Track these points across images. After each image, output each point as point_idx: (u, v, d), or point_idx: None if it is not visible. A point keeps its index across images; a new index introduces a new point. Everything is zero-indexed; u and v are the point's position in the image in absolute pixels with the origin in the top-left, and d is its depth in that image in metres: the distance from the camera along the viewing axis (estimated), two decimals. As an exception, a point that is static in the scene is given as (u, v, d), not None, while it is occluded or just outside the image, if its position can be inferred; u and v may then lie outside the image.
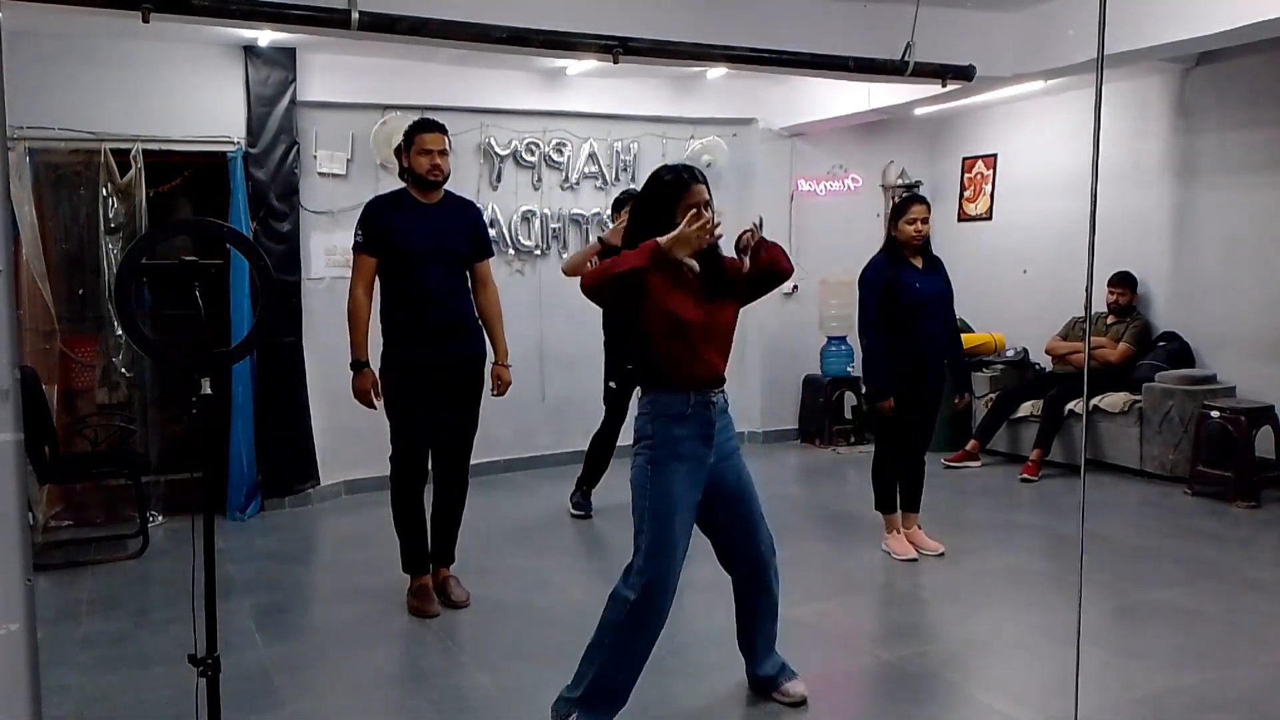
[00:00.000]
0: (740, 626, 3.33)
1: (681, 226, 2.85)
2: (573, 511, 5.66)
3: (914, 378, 4.67)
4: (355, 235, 4.09)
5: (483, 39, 4.47)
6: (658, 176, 3.11)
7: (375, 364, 4.13)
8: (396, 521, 4.23)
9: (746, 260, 3.10)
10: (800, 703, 3.23)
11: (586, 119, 6.93)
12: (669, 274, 2.95)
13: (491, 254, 4.37)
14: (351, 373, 4.06)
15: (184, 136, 5.67)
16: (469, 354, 4.17)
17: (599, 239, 5.50)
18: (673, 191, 3.02)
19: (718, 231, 2.93)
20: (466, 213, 4.25)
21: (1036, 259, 7.38)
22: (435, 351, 4.05)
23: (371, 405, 4.08)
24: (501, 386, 4.33)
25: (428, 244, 4.04)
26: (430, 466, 4.27)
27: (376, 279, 4.10)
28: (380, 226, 4.03)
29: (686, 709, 3.29)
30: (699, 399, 3.01)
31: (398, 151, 4.16)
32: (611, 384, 5.56)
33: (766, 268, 3.13)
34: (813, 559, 4.85)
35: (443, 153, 4.06)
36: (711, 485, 3.08)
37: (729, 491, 3.13)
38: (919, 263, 4.72)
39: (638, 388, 3.16)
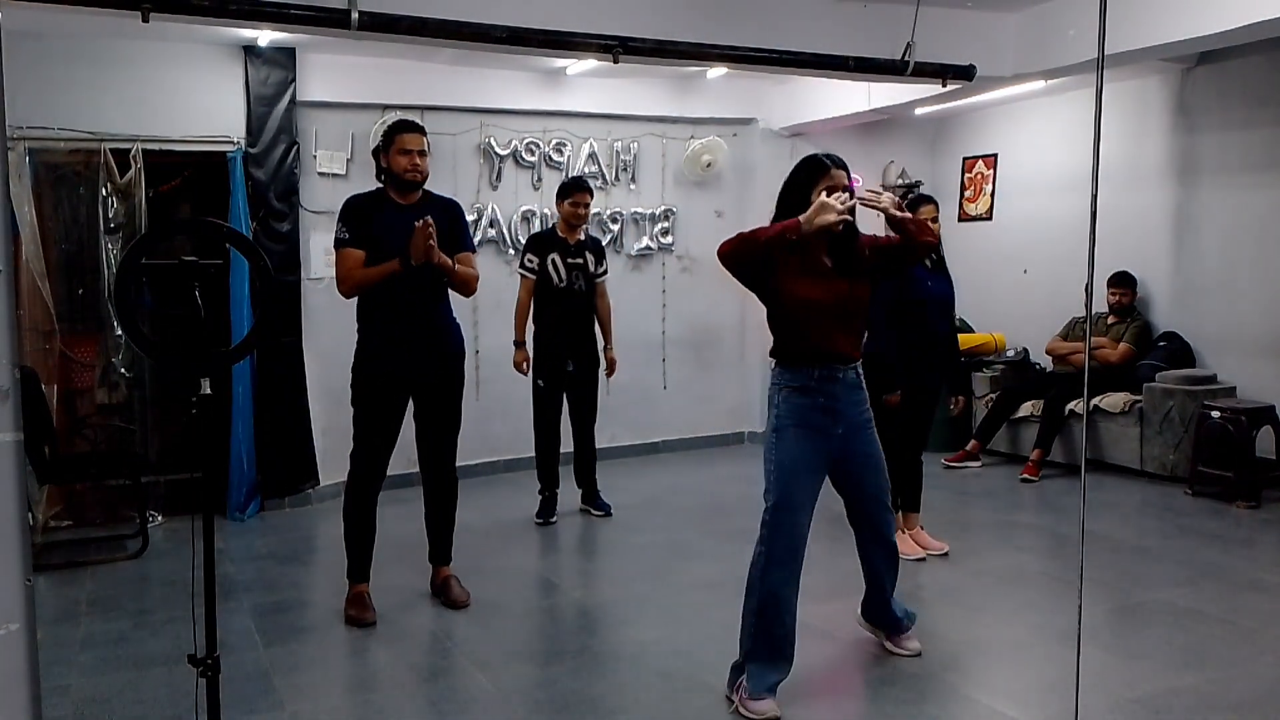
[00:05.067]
0: (867, 579, 3.60)
1: (820, 199, 3.01)
2: (536, 521, 5.55)
3: (916, 376, 4.67)
4: (338, 232, 4.00)
5: (482, 39, 4.46)
6: (796, 172, 3.28)
7: (349, 364, 4.11)
8: (346, 522, 4.15)
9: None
10: (915, 655, 3.57)
11: (586, 119, 6.93)
12: (800, 255, 3.14)
13: (473, 249, 4.26)
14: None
15: (184, 136, 5.67)
16: (447, 355, 4.13)
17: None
18: (814, 174, 3.20)
19: (849, 201, 3.08)
20: (446, 212, 4.16)
21: (1037, 259, 7.38)
22: (412, 355, 4.03)
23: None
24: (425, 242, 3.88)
25: (406, 247, 3.95)
26: (419, 468, 4.27)
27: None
28: (361, 225, 3.98)
29: (686, 707, 3.27)
30: (823, 373, 3.21)
31: (376, 152, 4.11)
32: (540, 382, 5.50)
33: (908, 240, 3.38)
34: (813, 559, 4.79)
35: (422, 153, 4.01)
36: (840, 455, 3.29)
37: (854, 462, 3.34)
38: (928, 262, 4.72)
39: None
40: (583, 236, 5.55)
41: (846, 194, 3.11)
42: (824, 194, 3.09)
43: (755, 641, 3.21)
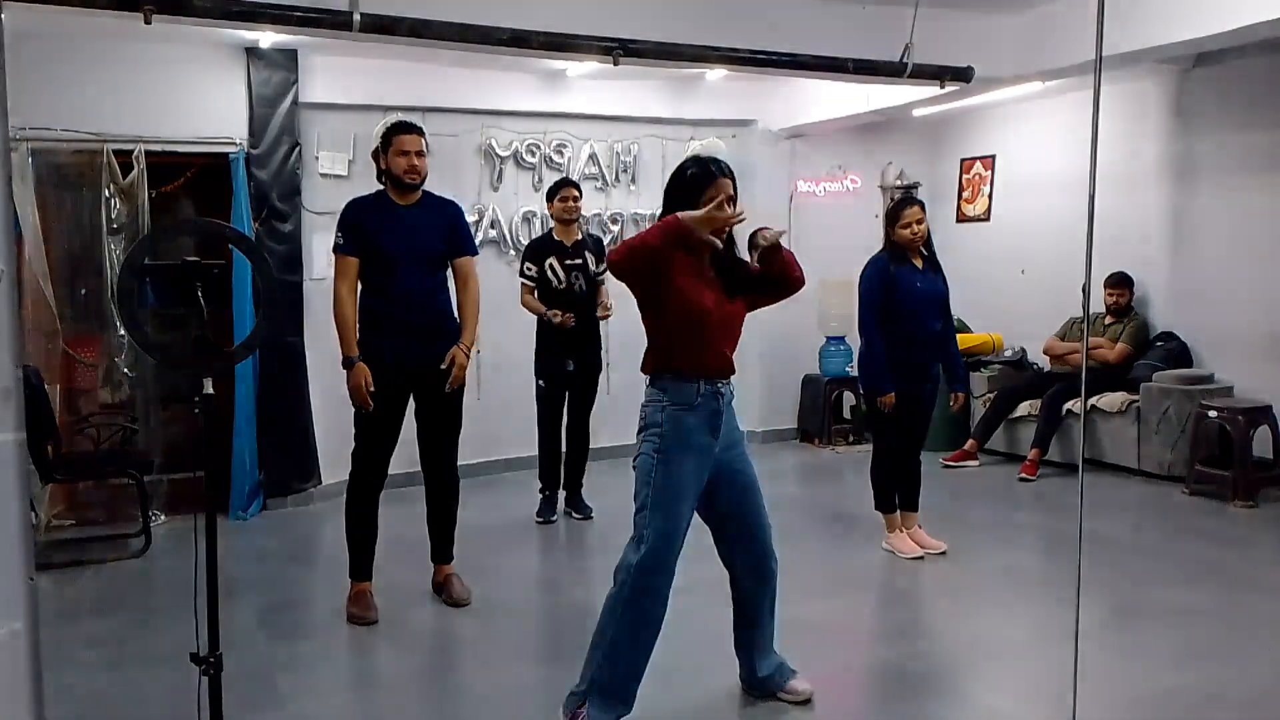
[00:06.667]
0: (739, 624, 3.30)
1: (708, 209, 2.86)
2: (537, 519, 5.56)
3: (911, 377, 4.69)
4: (335, 237, 4.08)
5: (483, 41, 4.48)
6: (682, 169, 3.12)
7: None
8: (348, 521, 4.17)
9: (755, 258, 3.10)
10: (806, 700, 3.23)
11: (587, 120, 6.94)
12: (690, 263, 3.00)
13: (473, 252, 4.29)
14: (345, 371, 4.04)
15: (186, 137, 5.69)
16: (446, 349, 4.12)
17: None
18: (698, 183, 3.05)
19: (741, 217, 2.97)
20: (445, 212, 4.20)
21: (1034, 259, 7.39)
22: (412, 353, 4.05)
23: (367, 402, 4.00)
24: (457, 371, 4.08)
25: (406, 246, 4.01)
26: (421, 467, 4.29)
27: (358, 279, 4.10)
28: (359, 228, 4.02)
29: (687, 708, 3.29)
30: (708, 389, 3.04)
31: (375, 154, 4.14)
32: (541, 382, 5.52)
33: (778, 275, 3.15)
34: (812, 558, 4.86)
35: (420, 154, 4.04)
36: (715, 475, 3.09)
37: (732, 481, 3.14)
38: (919, 262, 4.74)
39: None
40: (580, 236, 5.56)
41: (730, 207, 2.96)
42: (712, 204, 2.89)
43: (604, 674, 2.98)
